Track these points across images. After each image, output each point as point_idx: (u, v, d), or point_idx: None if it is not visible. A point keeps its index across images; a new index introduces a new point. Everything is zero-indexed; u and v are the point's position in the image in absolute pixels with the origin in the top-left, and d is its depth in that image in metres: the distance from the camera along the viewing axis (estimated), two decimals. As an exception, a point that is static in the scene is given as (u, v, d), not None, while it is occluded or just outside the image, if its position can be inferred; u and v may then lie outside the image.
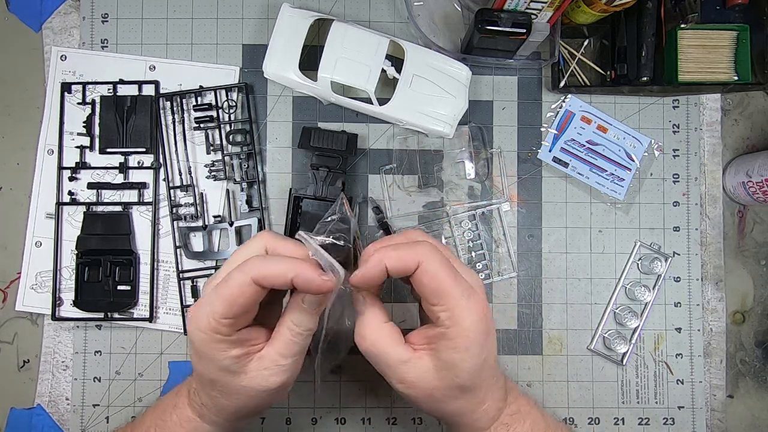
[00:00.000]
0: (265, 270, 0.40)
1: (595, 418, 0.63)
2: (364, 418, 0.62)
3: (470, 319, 0.41)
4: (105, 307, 0.61)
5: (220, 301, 0.40)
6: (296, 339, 0.44)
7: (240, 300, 0.40)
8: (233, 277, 0.41)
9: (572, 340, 0.63)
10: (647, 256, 0.63)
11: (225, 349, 0.42)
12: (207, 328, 0.41)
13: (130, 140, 0.62)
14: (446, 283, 0.41)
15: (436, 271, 0.41)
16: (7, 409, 0.62)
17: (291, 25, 0.59)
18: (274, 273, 0.40)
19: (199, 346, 0.42)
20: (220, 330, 0.41)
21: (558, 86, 0.63)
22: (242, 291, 0.40)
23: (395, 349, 0.43)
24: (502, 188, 0.64)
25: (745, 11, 0.61)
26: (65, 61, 0.63)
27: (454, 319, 0.41)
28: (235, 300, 0.40)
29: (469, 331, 0.41)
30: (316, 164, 0.59)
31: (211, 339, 0.41)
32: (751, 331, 0.65)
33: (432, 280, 0.41)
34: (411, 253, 0.42)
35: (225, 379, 0.43)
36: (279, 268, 0.40)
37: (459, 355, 0.41)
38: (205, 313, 0.41)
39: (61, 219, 0.62)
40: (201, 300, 0.43)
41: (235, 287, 0.40)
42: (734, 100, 0.66)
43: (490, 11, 0.54)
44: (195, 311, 0.42)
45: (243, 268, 0.41)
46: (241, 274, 0.40)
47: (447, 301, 0.41)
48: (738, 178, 0.63)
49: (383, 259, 0.42)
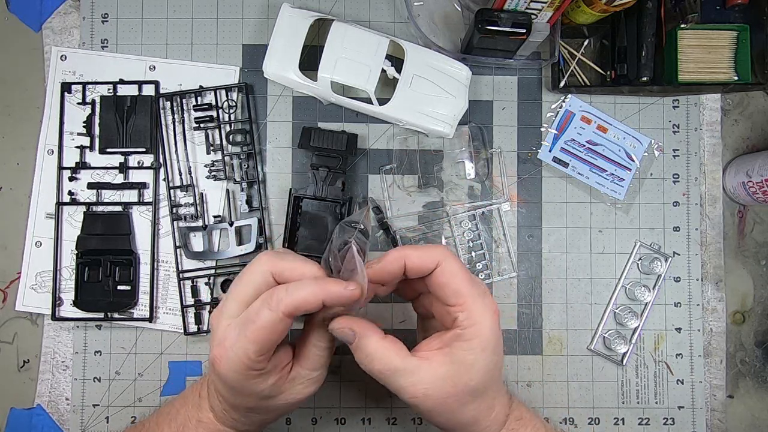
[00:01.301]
0: (296, 301, 0.40)
1: (595, 418, 0.63)
2: (364, 418, 0.62)
3: (487, 319, 0.42)
4: (105, 307, 0.60)
5: (253, 342, 0.40)
6: (323, 353, 0.45)
7: (273, 337, 0.41)
8: (262, 316, 0.40)
9: (572, 340, 0.63)
10: (647, 256, 0.63)
11: (262, 381, 0.43)
12: (243, 369, 0.41)
13: (130, 140, 0.62)
14: (464, 283, 0.42)
15: (456, 271, 0.42)
16: (7, 409, 0.62)
17: (291, 25, 0.59)
18: (304, 301, 0.40)
19: (235, 384, 0.42)
20: (257, 367, 0.41)
21: (558, 86, 0.63)
22: (275, 328, 0.40)
23: (404, 360, 0.42)
24: (502, 188, 0.64)
25: (745, 11, 0.61)
26: (65, 61, 0.63)
27: (472, 319, 0.42)
28: (269, 338, 0.40)
29: (485, 330, 0.42)
30: (316, 164, 0.59)
31: (247, 377, 0.42)
32: (751, 331, 0.65)
33: (451, 280, 0.42)
34: (430, 252, 0.43)
35: (264, 404, 0.45)
36: (308, 295, 0.40)
37: (474, 356, 0.42)
38: (238, 355, 0.41)
39: (61, 219, 0.62)
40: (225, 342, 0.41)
41: (268, 326, 0.40)
42: (734, 100, 0.66)
43: (490, 11, 0.54)
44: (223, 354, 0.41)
45: (270, 304, 0.40)
46: (270, 312, 0.40)
47: (465, 300, 0.42)
48: (738, 178, 0.63)
49: (403, 255, 0.42)
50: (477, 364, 0.42)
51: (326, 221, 0.60)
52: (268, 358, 0.42)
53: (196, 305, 0.61)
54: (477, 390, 0.43)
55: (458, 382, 0.42)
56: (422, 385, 0.42)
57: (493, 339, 0.42)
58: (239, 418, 0.47)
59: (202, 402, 0.48)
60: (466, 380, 0.42)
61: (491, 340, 0.42)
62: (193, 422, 0.48)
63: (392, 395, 0.62)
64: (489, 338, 0.42)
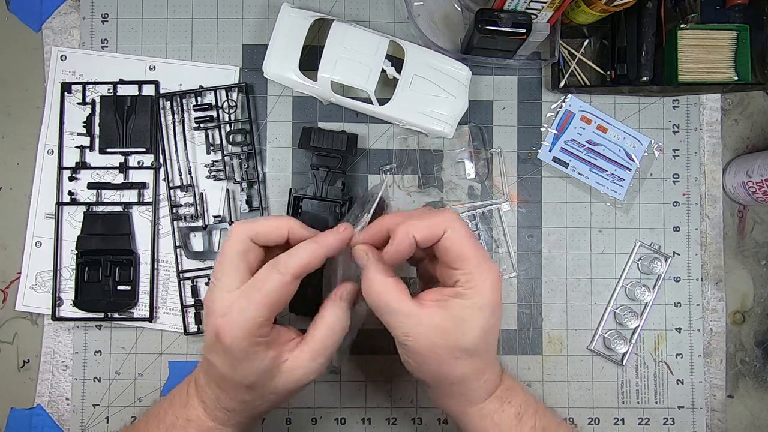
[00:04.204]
0: (302, 260, 0.43)
1: (595, 418, 0.63)
2: (364, 418, 0.62)
3: (488, 281, 0.43)
4: (105, 307, 0.60)
5: (263, 306, 0.42)
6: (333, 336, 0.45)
7: (282, 300, 0.43)
8: (272, 280, 0.42)
9: (572, 340, 0.63)
10: (647, 256, 0.63)
11: (263, 351, 0.43)
12: (249, 335, 0.42)
13: (130, 140, 0.62)
14: (468, 247, 0.43)
15: (461, 237, 0.43)
16: (7, 409, 0.62)
17: (291, 25, 0.59)
18: (309, 259, 0.43)
19: (239, 353, 0.43)
20: (262, 332, 0.42)
21: (558, 86, 0.63)
22: (284, 291, 0.42)
23: (402, 302, 0.43)
24: (502, 188, 0.64)
25: (745, 11, 0.61)
26: (65, 61, 0.63)
27: (472, 281, 0.43)
28: (277, 301, 0.42)
29: (485, 292, 0.43)
30: (316, 164, 0.59)
31: (251, 344, 0.42)
32: (751, 331, 0.65)
33: (456, 245, 0.43)
34: (437, 221, 0.43)
35: (262, 381, 0.44)
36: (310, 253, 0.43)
37: (470, 312, 0.42)
38: (246, 321, 0.42)
39: (61, 219, 0.62)
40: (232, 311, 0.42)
41: (278, 289, 0.42)
42: (734, 100, 0.66)
43: (490, 11, 0.54)
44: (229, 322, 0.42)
45: (279, 269, 0.42)
46: (279, 275, 0.42)
47: (468, 264, 0.43)
48: (738, 178, 0.63)
49: (410, 231, 0.43)
50: (471, 321, 0.43)
51: (326, 221, 0.59)
52: (271, 323, 0.44)
53: (196, 305, 0.61)
54: (468, 349, 0.43)
55: (450, 336, 0.43)
56: (414, 328, 0.43)
57: (492, 301, 0.43)
58: (233, 407, 0.46)
59: (190, 400, 0.48)
60: (459, 335, 0.43)
61: (490, 301, 0.43)
62: (182, 421, 0.47)
63: (392, 395, 0.62)
64: (488, 299, 0.43)
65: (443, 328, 0.42)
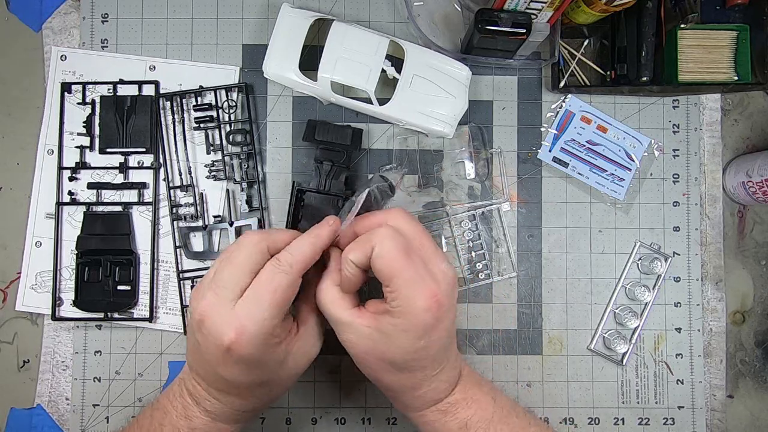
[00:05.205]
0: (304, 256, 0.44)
1: (595, 418, 0.63)
2: (364, 418, 0.62)
3: (415, 305, 0.42)
4: (105, 307, 0.60)
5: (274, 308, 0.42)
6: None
7: (289, 298, 0.43)
8: (278, 281, 0.42)
9: (572, 340, 0.63)
10: (647, 256, 0.63)
11: (277, 345, 0.44)
12: (266, 339, 0.42)
13: (130, 140, 0.62)
14: (395, 267, 0.42)
15: (386, 254, 0.42)
16: (7, 409, 0.62)
17: (291, 25, 0.59)
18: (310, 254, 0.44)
19: (259, 358, 0.43)
20: (276, 332, 0.43)
21: (558, 86, 0.63)
22: (291, 289, 0.43)
23: (340, 311, 0.45)
24: (502, 188, 0.64)
25: (745, 11, 0.61)
26: (65, 61, 0.63)
27: (398, 301, 0.42)
28: (286, 301, 0.43)
29: (410, 315, 0.42)
30: (320, 158, 0.59)
31: (268, 346, 0.43)
32: (751, 331, 0.65)
33: (381, 263, 0.42)
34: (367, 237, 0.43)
35: (278, 373, 0.46)
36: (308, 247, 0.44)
37: (395, 331, 0.43)
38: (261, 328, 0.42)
39: (61, 219, 0.62)
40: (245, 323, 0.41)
41: (285, 288, 0.42)
42: (734, 100, 0.66)
43: (490, 11, 0.54)
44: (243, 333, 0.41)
45: (283, 268, 0.43)
46: (285, 275, 0.43)
47: (393, 283, 0.42)
48: (738, 178, 0.63)
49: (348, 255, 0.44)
50: (397, 341, 0.43)
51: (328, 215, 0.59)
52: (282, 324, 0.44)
53: (196, 305, 0.61)
54: (395, 363, 0.44)
55: (377, 348, 0.44)
56: (349, 336, 0.45)
57: (420, 325, 0.42)
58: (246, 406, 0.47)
59: (188, 411, 0.47)
60: (383, 350, 0.44)
61: (417, 325, 0.42)
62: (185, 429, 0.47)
63: (392, 395, 0.62)
64: (414, 323, 0.42)
65: (372, 339, 0.44)
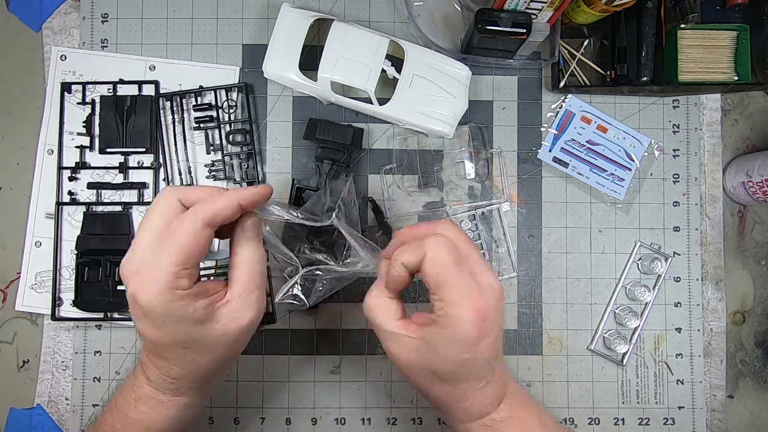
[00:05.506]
0: (214, 207, 0.42)
1: (595, 419, 0.63)
2: (364, 418, 0.62)
3: (463, 317, 0.41)
4: (105, 307, 0.60)
5: (176, 254, 0.40)
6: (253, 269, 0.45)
7: (196, 248, 0.41)
8: (183, 227, 0.41)
9: (572, 340, 0.63)
10: (647, 256, 0.63)
11: (191, 302, 0.42)
12: (167, 288, 0.40)
13: (130, 140, 0.62)
14: (445, 276, 0.42)
15: (438, 260, 0.42)
16: (7, 409, 0.62)
17: (291, 25, 0.59)
18: (222, 207, 0.42)
19: (163, 311, 0.41)
20: (181, 284, 0.41)
21: (558, 86, 0.63)
22: (197, 239, 0.41)
23: (388, 321, 0.45)
24: (502, 188, 0.64)
25: (745, 11, 0.61)
26: (65, 61, 0.63)
27: (445, 311, 0.41)
28: (191, 249, 0.41)
29: (457, 327, 0.41)
30: (321, 156, 0.59)
31: (173, 298, 0.41)
32: (751, 331, 0.65)
33: (432, 269, 0.42)
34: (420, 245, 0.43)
35: (198, 334, 0.43)
36: (224, 201, 0.42)
37: (442, 343, 0.42)
38: (160, 273, 0.40)
39: (61, 219, 0.62)
40: (142, 267, 0.41)
41: (190, 236, 0.41)
42: (734, 100, 0.66)
43: (490, 11, 0.54)
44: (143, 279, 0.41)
45: (188, 217, 0.41)
46: (190, 223, 0.41)
47: (442, 292, 0.42)
48: (738, 178, 0.63)
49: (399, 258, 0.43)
50: (444, 353, 0.42)
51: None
52: (193, 278, 0.42)
53: (196, 305, 0.61)
54: (442, 375, 0.43)
55: (422, 360, 0.43)
56: (394, 347, 0.44)
57: (467, 337, 0.41)
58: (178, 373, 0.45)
59: (136, 380, 0.47)
60: (430, 361, 0.43)
61: (463, 337, 0.41)
62: (131, 402, 0.47)
63: (392, 395, 0.62)
64: (460, 335, 0.41)
65: (417, 351, 0.43)
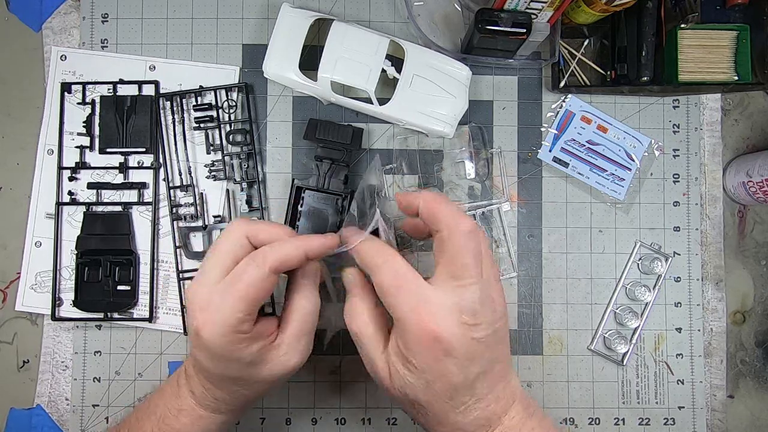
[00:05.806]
0: (281, 255, 0.42)
1: (595, 419, 0.63)
2: (364, 419, 0.62)
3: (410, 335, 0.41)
4: (105, 307, 0.60)
5: (241, 300, 0.41)
6: (306, 319, 0.45)
7: (260, 294, 0.42)
8: (249, 273, 0.41)
9: (572, 340, 0.63)
10: (647, 256, 0.63)
11: (247, 346, 0.43)
12: (229, 331, 0.41)
13: (130, 140, 0.62)
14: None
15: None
16: (7, 409, 0.62)
17: (291, 25, 0.59)
18: (288, 255, 0.42)
19: (221, 351, 0.42)
20: (244, 328, 0.42)
21: (558, 86, 0.63)
22: (262, 285, 0.42)
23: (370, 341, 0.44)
24: (502, 188, 0.63)
25: (745, 11, 0.61)
26: (65, 61, 0.63)
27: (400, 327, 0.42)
28: (255, 296, 0.42)
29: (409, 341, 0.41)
30: (320, 156, 0.59)
31: (234, 340, 0.42)
32: (752, 331, 0.65)
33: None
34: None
35: (249, 372, 0.44)
36: (291, 249, 0.42)
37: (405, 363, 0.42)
38: (225, 316, 0.41)
39: (61, 219, 0.62)
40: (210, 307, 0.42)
41: (255, 282, 0.41)
42: (734, 100, 0.66)
43: (490, 11, 0.54)
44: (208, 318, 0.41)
45: (256, 261, 0.42)
46: (256, 269, 0.41)
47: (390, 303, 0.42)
48: (738, 178, 0.63)
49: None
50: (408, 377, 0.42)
51: (327, 213, 0.59)
52: (253, 322, 0.43)
53: (196, 305, 0.61)
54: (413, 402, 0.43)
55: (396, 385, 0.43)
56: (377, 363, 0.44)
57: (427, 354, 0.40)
58: (222, 396, 0.46)
59: (180, 390, 0.48)
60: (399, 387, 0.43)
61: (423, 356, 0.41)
62: (173, 412, 0.47)
63: (392, 395, 0.62)
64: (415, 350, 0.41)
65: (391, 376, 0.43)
